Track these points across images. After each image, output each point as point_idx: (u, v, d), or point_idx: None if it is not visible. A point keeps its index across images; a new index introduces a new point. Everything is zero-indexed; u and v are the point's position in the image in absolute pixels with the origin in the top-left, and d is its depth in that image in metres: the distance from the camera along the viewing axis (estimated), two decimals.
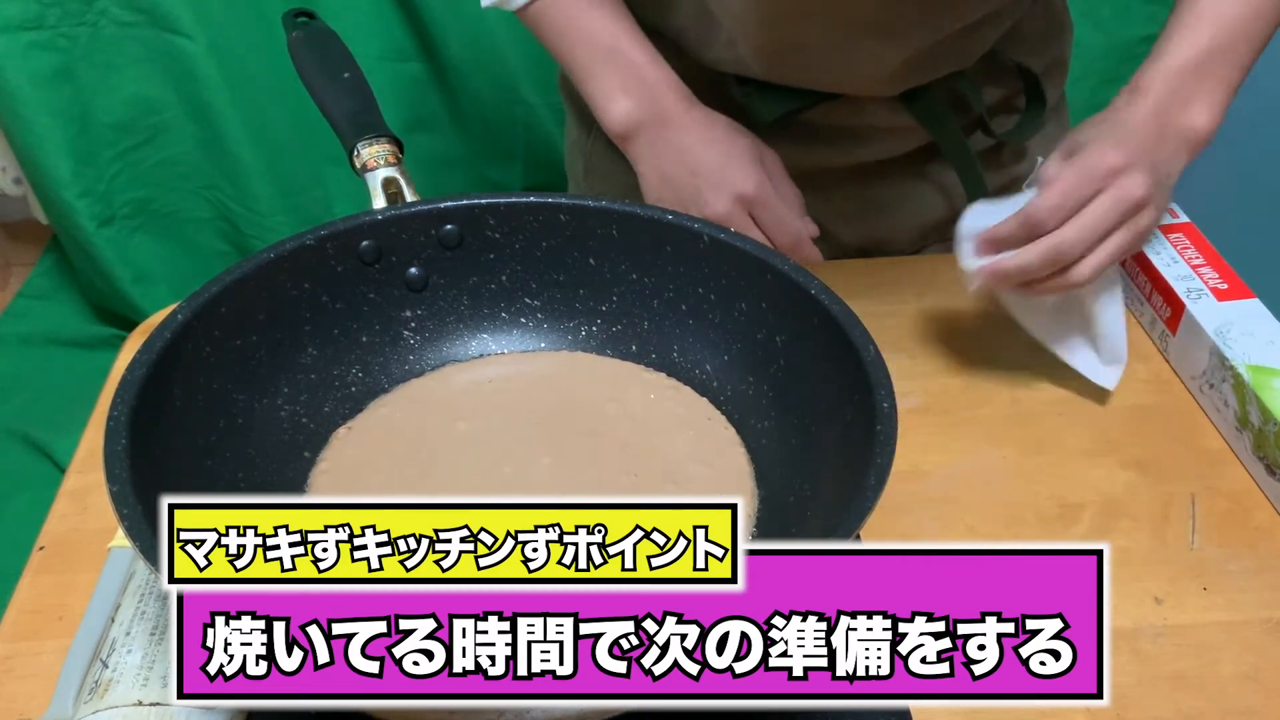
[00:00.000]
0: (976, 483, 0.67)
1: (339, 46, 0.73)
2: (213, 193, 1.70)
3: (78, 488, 0.66)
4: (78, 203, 1.64)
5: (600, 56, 0.73)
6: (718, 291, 0.62)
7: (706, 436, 0.61)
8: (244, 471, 0.56)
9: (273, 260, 0.58)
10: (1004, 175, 0.88)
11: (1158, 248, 0.78)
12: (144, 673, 0.51)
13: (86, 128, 1.61)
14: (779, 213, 0.73)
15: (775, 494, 0.58)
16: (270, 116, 1.64)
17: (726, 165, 0.72)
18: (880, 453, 0.48)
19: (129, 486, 0.45)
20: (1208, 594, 0.60)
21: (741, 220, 0.72)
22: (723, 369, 0.63)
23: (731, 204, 0.72)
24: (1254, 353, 0.68)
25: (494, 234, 0.64)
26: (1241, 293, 0.73)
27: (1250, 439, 0.67)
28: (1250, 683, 0.56)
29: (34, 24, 1.53)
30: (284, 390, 0.60)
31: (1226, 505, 0.66)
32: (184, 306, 0.55)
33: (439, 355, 0.66)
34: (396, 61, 1.72)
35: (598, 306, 0.66)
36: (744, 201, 0.72)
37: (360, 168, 0.65)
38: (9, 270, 1.97)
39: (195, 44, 1.55)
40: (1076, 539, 0.64)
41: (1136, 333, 0.78)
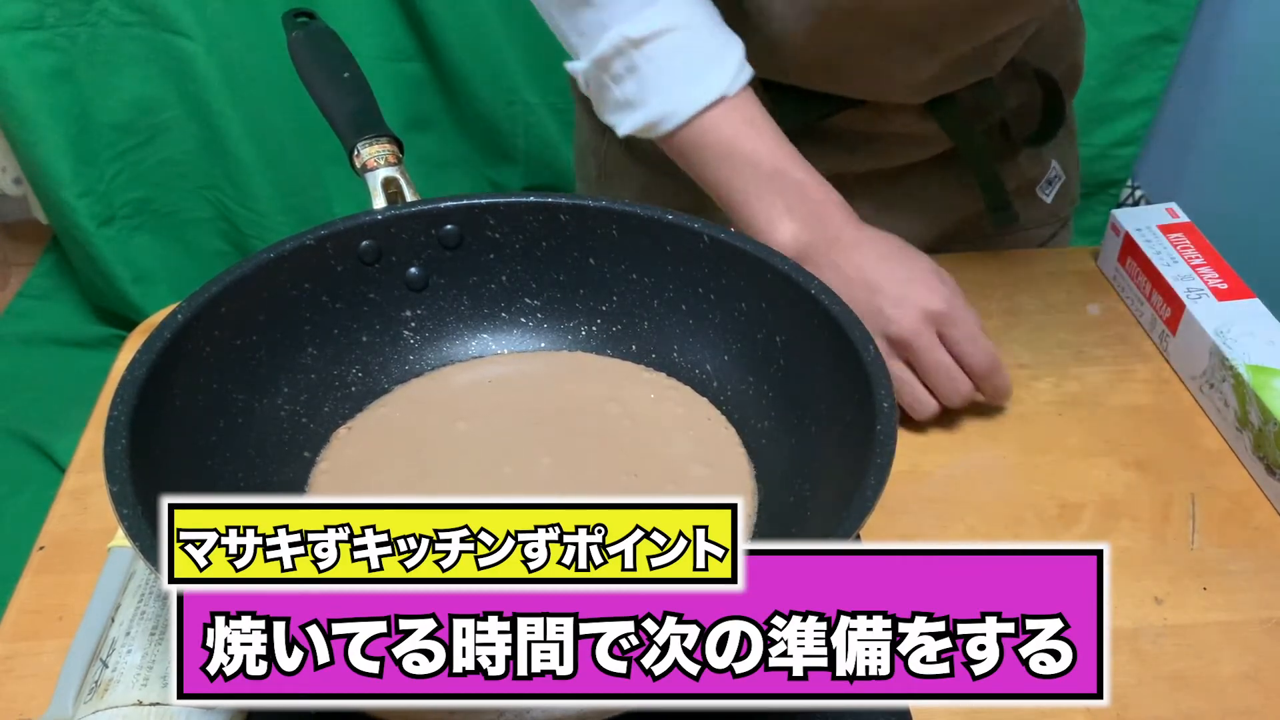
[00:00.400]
0: (976, 483, 0.67)
1: (339, 46, 0.73)
2: (213, 193, 1.70)
3: (78, 488, 0.66)
4: (78, 203, 1.64)
5: (763, 179, 0.70)
6: (718, 291, 0.62)
7: (706, 436, 0.61)
8: (244, 471, 0.56)
9: (273, 260, 0.58)
10: (1018, 177, 0.88)
11: (1157, 247, 0.78)
12: (144, 673, 0.51)
13: (86, 128, 1.62)
14: (971, 329, 0.68)
15: (775, 494, 0.58)
16: (270, 116, 1.64)
17: (909, 282, 0.68)
18: (880, 453, 0.48)
19: (129, 486, 0.45)
20: (1208, 594, 0.60)
21: (929, 338, 0.67)
22: (723, 369, 0.63)
23: (919, 320, 0.67)
24: (1254, 353, 0.68)
25: (494, 234, 0.64)
26: (1241, 293, 0.73)
27: (1250, 439, 0.67)
28: (1250, 683, 0.56)
29: (34, 24, 1.53)
30: (284, 390, 0.60)
31: (1226, 505, 0.66)
32: (184, 306, 0.55)
33: (439, 355, 0.66)
34: (396, 61, 1.73)
35: (598, 306, 0.66)
36: (932, 318, 0.67)
37: (360, 168, 0.65)
38: (9, 270, 1.97)
39: (195, 44, 1.55)
40: (1076, 539, 0.64)
41: (1137, 333, 0.79)
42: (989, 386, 0.69)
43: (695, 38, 0.70)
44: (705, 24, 0.71)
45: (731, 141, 0.70)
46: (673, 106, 0.70)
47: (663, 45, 0.69)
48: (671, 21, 0.69)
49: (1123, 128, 1.84)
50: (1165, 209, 0.81)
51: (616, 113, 0.72)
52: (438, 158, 1.81)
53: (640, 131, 0.72)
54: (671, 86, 0.70)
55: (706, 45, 0.70)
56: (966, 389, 0.68)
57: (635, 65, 0.69)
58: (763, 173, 0.70)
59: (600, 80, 0.72)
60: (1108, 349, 0.77)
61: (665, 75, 0.69)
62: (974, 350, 0.67)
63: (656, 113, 0.70)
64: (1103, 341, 0.78)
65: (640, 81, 0.70)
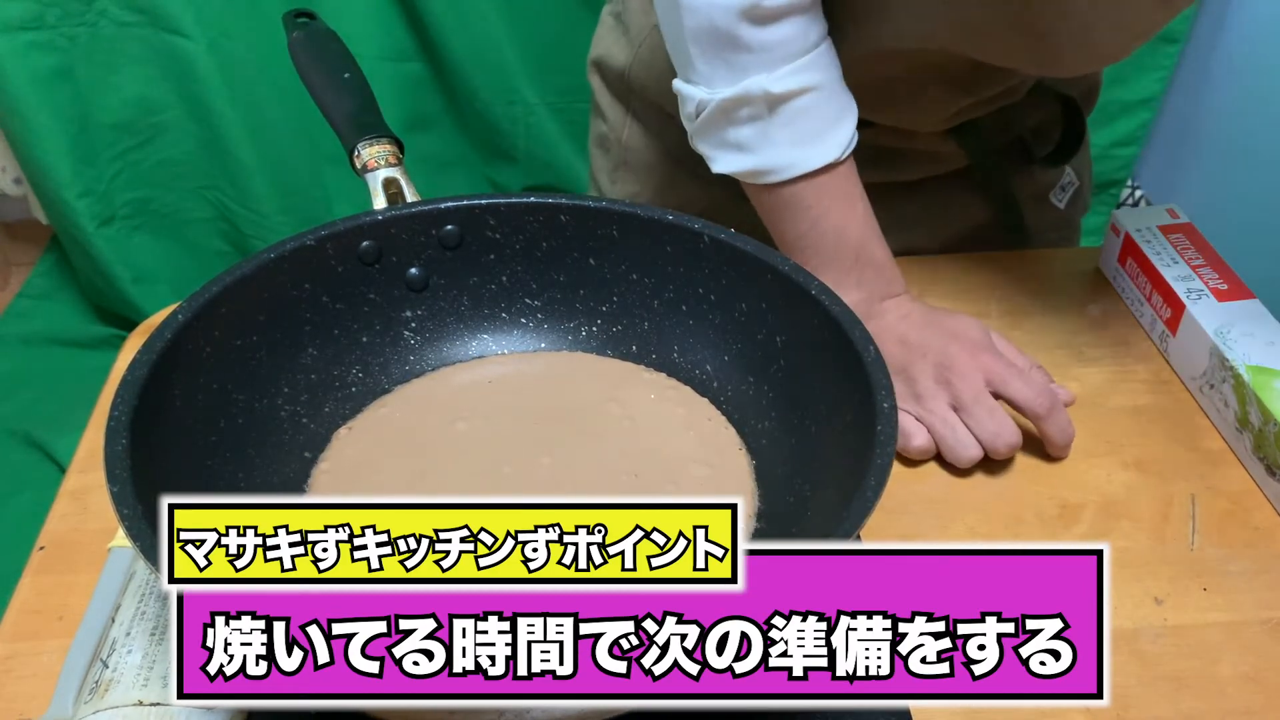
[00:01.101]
0: (976, 483, 0.67)
1: (339, 47, 0.73)
2: (212, 193, 1.70)
3: (78, 488, 0.66)
4: (78, 203, 1.64)
5: (846, 253, 0.71)
6: (718, 292, 0.62)
7: (707, 437, 0.61)
8: (244, 471, 0.56)
9: (273, 260, 0.58)
10: (1033, 184, 0.90)
11: (1158, 248, 0.78)
12: (144, 673, 0.51)
13: (86, 128, 1.62)
14: (1029, 376, 0.67)
15: (775, 494, 0.58)
16: (270, 117, 1.64)
17: (951, 341, 0.68)
18: (880, 453, 0.48)
19: (129, 486, 0.45)
20: (1208, 594, 0.60)
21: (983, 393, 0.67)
22: (723, 369, 0.63)
23: (972, 369, 0.67)
24: (1254, 353, 0.68)
25: (494, 234, 0.64)
26: (1241, 293, 0.73)
27: (1250, 439, 0.67)
28: (1250, 683, 0.56)
29: (34, 24, 1.53)
30: (284, 390, 0.60)
31: (1226, 505, 0.66)
32: (184, 306, 0.55)
33: (439, 355, 0.66)
34: (396, 61, 1.72)
35: (598, 307, 0.66)
36: (984, 368, 0.67)
37: (361, 168, 0.65)
38: (9, 270, 1.97)
39: (195, 44, 1.55)
40: (1076, 539, 0.64)
41: (1136, 333, 0.79)
42: (1055, 424, 0.66)
43: (825, 100, 0.70)
44: (836, 85, 0.71)
45: (829, 208, 0.71)
46: (786, 162, 0.70)
47: (797, 104, 0.69)
48: (811, 82, 0.69)
49: (1123, 128, 1.84)
50: (1165, 209, 0.81)
51: (722, 150, 0.72)
52: (438, 158, 1.81)
53: (741, 175, 0.72)
54: (792, 144, 0.70)
55: (832, 109, 0.70)
56: (1012, 436, 0.66)
57: (763, 116, 0.69)
58: (846, 247, 0.71)
59: (719, 118, 0.71)
60: (1108, 349, 0.77)
61: (788, 132, 0.69)
62: (1028, 393, 0.66)
63: (767, 164, 0.70)
64: (1103, 342, 0.78)
65: (762, 131, 0.70)
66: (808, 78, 0.68)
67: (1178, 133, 1.83)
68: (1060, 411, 0.66)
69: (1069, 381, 0.73)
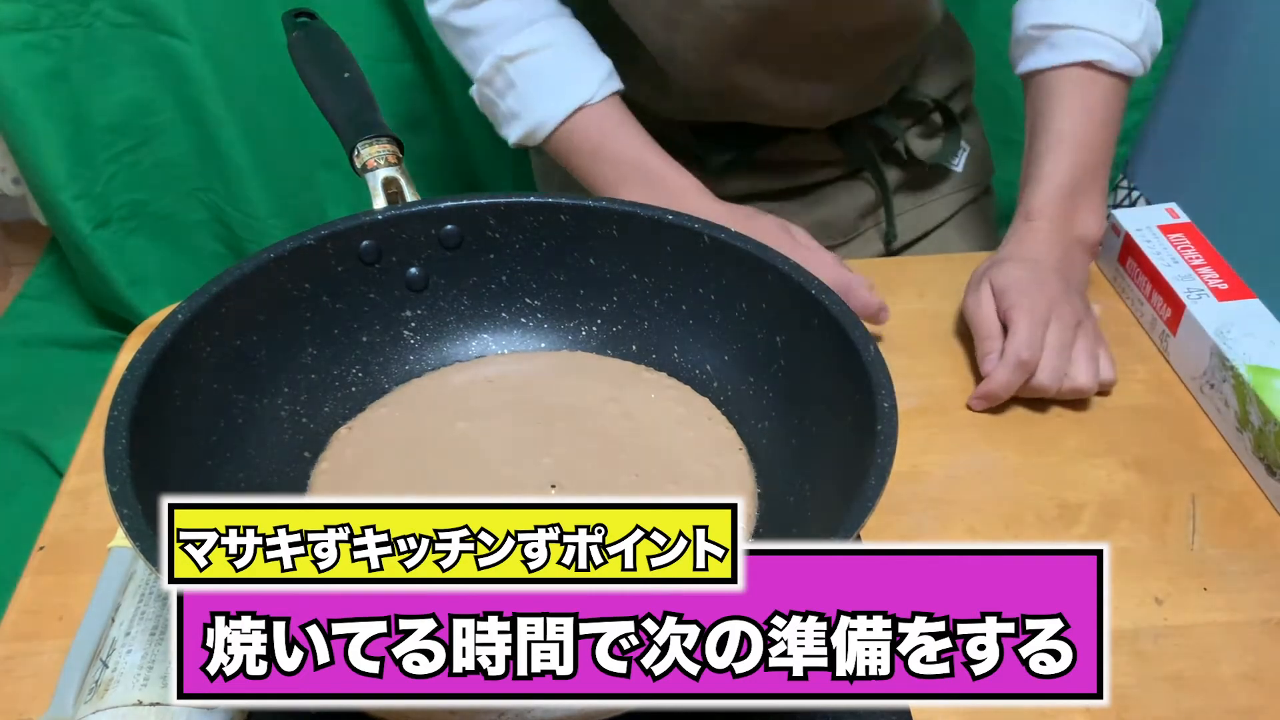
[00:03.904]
0: (976, 483, 0.67)
1: (339, 47, 0.73)
2: (207, 195, 1.70)
3: (78, 488, 0.66)
4: (73, 205, 1.64)
5: (626, 172, 0.80)
6: (718, 291, 0.62)
7: (707, 436, 0.61)
8: (244, 471, 0.56)
9: (273, 260, 0.58)
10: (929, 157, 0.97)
11: (1158, 248, 0.78)
12: (144, 673, 0.51)
13: (81, 130, 1.61)
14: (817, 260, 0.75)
15: (775, 494, 0.58)
16: (265, 120, 1.64)
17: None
18: (880, 453, 0.48)
19: (129, 486, 0.45)
20: (1208, 594, 0.60)
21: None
22: (723, 369, 0.63)
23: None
24: (1254, 353, 0.68)
25: (494, 234, 0.64)
26: (1241, 293, 0.73)
27: (1250, 439, 0.67)
28: (1250, 683, 0.56)
29: (28, 25, 1.53)
30: (284, 390, 0.60)
31: (1226, 505, 0.66)
32: (184, 306, 0.55)
33: (439, 355, 0.66)
34: (390, 62, 1.72)
35: (598, 306, 0.66)
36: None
37: (360, 168, 0.65)
38: (9, 271, 1.97)
39: (190, 46, 1.55)
40: (1076, 539, 0.64)
41: (1137, 332, 0.79)
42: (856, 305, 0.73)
43: (560, 55, 0.81)
44: (572, 44, 0.82)
45: (598, 142, 0.81)
46: (543, 115, 0.81)
47: (532, 62, 0.80)
48: (540, 42, 0.80)
49: None
50: (1165, 209, 0.81)
51: (506, 126, 0.84)
52: (432, 158, 1.81)
53: (523, 139, 0.83)
54: (542, 98, 0.81)
55: (570, 61, 0.81)
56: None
57: (512, 81, 0.81)
58: (626, 166, 0.80)
59: (488, 97, 0.83)
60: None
61: (534, 86, 0.81)
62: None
63: (532, 122, 0.81)
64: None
65: (517, 95, 0.81)
66: (536, 39, 0.80)
67: (1176, 133, 1.83)
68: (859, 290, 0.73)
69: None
